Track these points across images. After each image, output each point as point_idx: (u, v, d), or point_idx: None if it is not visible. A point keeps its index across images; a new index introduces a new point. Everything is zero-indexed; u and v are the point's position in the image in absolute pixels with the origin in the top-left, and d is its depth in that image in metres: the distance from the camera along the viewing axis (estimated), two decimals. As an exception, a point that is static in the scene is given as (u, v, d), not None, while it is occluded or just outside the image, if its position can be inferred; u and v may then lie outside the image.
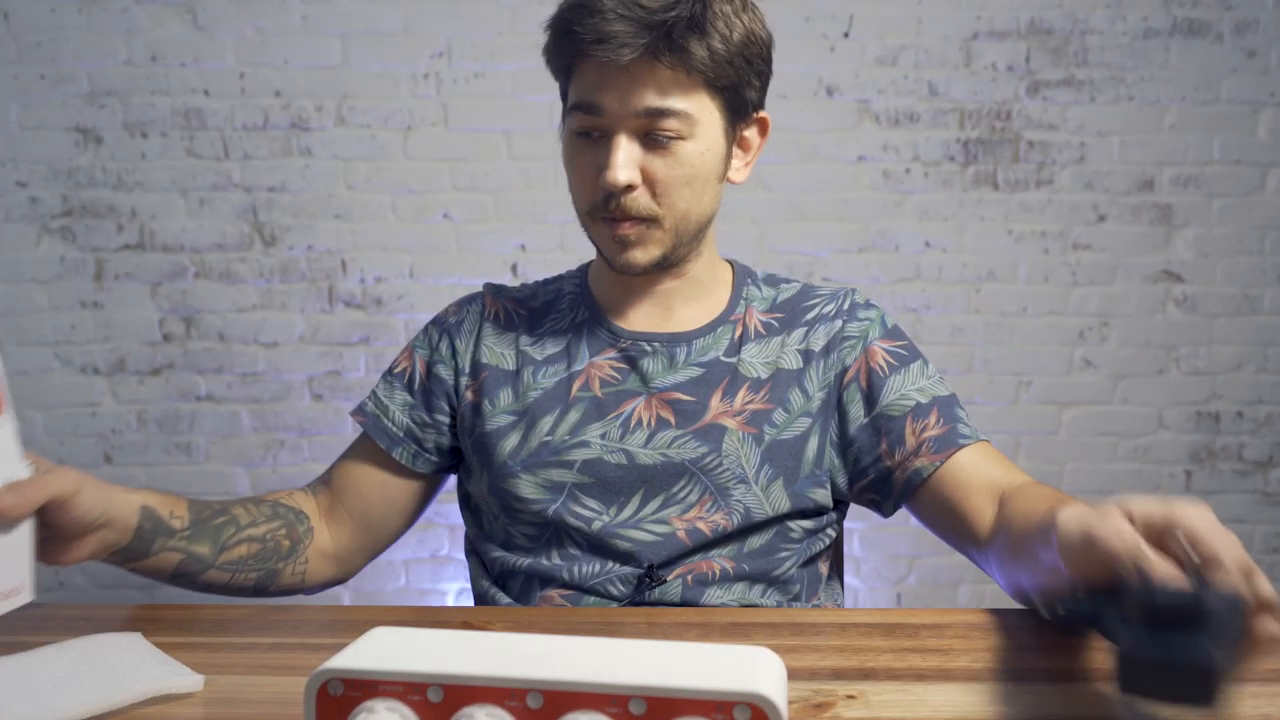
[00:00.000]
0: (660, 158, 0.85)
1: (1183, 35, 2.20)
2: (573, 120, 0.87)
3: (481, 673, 0.44)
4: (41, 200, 2.15)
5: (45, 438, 2.19)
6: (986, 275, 2.24)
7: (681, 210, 0.87)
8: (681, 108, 0.83)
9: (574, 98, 0.86)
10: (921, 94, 2.20)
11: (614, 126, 0.84)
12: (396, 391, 0.99)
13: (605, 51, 0.80)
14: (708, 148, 0.86)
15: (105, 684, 0.58)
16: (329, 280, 2.20)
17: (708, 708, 0.41)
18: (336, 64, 2.16)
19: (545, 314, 0.99)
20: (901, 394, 0.91)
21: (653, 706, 0.42)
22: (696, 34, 0.81)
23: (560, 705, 0.43)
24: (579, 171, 0.88)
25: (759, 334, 0.95)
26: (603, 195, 0.86)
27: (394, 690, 0.44)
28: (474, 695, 0.43)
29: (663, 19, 0.79)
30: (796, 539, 0.92)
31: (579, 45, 0.82)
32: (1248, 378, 2.27)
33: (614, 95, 0.83)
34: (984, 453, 0.89)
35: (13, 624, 0.75)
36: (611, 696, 0.42)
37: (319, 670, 0.45)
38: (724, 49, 0.82)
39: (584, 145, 0.87)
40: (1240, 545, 0.53)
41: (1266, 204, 2.24)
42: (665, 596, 0.87)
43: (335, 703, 0.44)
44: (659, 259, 0.89)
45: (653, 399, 0.91)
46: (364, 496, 0.96)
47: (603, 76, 0.83)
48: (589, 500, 0.89)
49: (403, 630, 0.50)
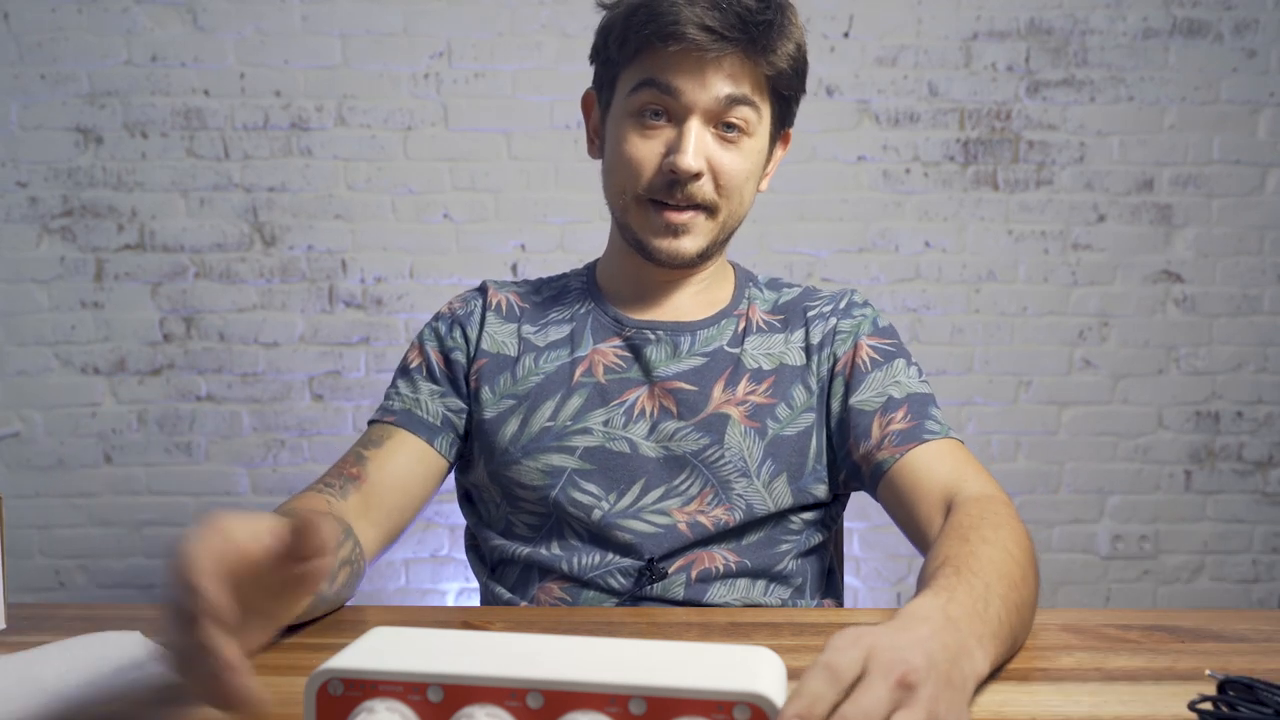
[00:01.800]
0: (727, 150, 0.87)
1: (1183, 35, 2.20)
2: (640, 97, 0.86)
3: (482, 673, 0.43)
4: (41, 200, 2.15)
5: (45, 438, 2.19)
6: (986, 275, 2.24)
7: (735, 204, 0.89)
8: (756, 99, 0.86)
9: (645, 75, 0.85)
10: (921, 94, 2.20)
11: (688, 111, 0.85)
12: (421, 384, 0.96)
13: (703, 39, 0.81)
14: (761, 148, 0.90)
15: (107, 679, 0.58)
16: (329, 280, 2.20)
17: (708, 707, 0.41)
18: (336, 64, 2.16)
19: (550, 305, 0.99)
20: (878, 390, 0.91)
21: (653, 706, 0.42)
22: (783, 41, 0.84)
23: (560, 705, 0.43)
24: (637, 153, 0.87)
25: (761, 329, 0.96)
26: (665, 180, 0.86)
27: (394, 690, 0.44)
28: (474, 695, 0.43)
29: (759, 20, 0.82)
30: (796, 530, 0.92)
31: (670, 28, 0.81)
32: (1247, 378, 2.27)
33: (694, 80, 0.83)
34: (945, 451, 0.86)
35: (14, 624, 0.76)
36: (611, 696, 0.42)
37: (319, 670, 0.45)
38: (793, 62, 0.87)
39: (647, 127, 0.86)
40: None
41: (1266, 204, 2.24)
42: (667, 593, 0.87)
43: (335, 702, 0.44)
44: (704, 249, 0.90)
45: (655, 388, 0.91)
46: (407, 492, 0.92)
47: (686, 61, 0.83)
48: (589, 486, 0.89)
49: (403, 630, 0.50)
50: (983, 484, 0.82)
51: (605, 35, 0.89)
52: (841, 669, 0.45)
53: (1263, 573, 2.30)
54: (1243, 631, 0.74)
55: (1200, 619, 0.77)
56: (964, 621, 0.56)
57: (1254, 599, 2.30)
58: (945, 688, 0.48)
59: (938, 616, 0.54)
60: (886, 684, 0.45)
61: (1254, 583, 2.30)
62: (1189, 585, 2.30)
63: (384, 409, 0.96)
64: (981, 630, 0.57)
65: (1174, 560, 2.29)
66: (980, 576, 0.62)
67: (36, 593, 2.20)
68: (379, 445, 0.92)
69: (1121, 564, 2.29)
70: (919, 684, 0.46)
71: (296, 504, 0.83)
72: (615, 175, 0.90)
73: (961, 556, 0.66)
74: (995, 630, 0.59)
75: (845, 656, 0.45)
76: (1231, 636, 0.73)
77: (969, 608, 0.58)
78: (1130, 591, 2.30)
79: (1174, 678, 0.63)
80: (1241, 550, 2.29)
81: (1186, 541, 2.29)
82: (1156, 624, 0.76)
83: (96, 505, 2.20)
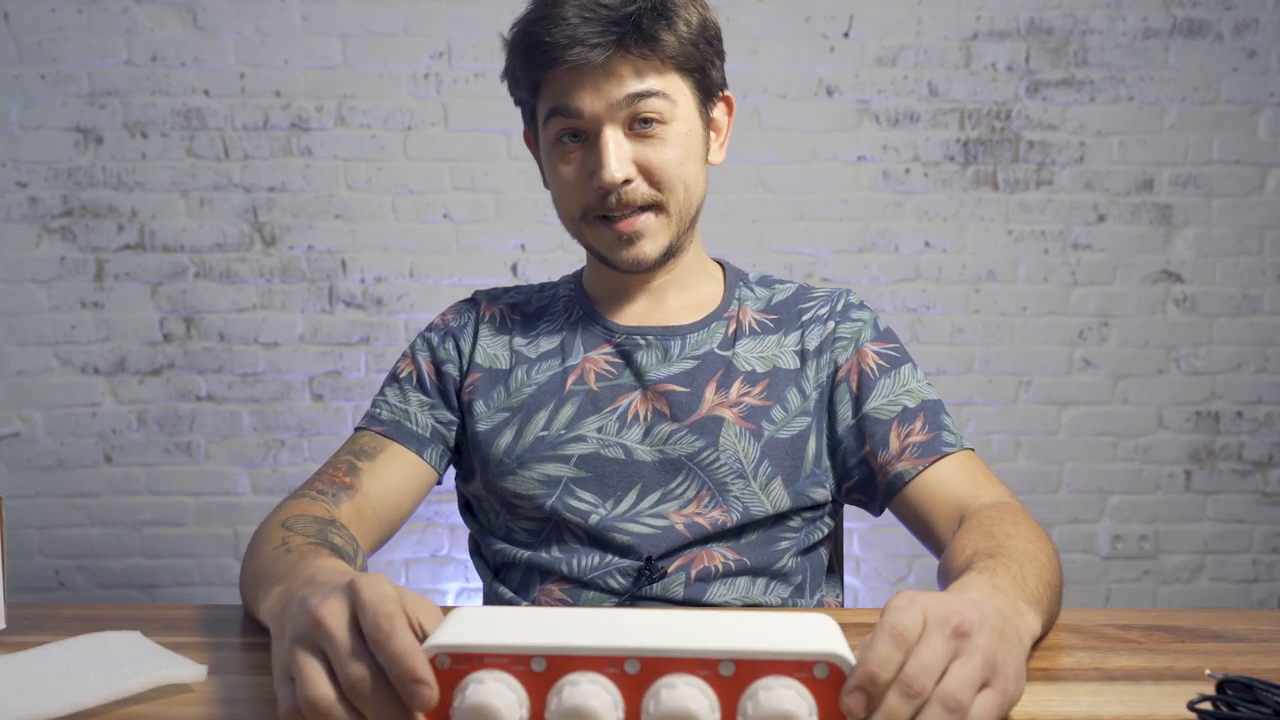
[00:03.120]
0: (649, 146, 0.86)
1: (1183, 35, 2.20)
2: (552, 128, 0.87)
3: (581, 643, 0.46)
4: (41, 200, 2.15)
5: (45, 438, 2.19)
6: (986, 275, 2.24)
7: (681, 193, 0.89)
8: (660, 88, 0.85)
9: (550, 105, 0.86)
10: (921, 94, 2.20)
11: (598, 124, 0.85)
12: (410, 394, 0.97)
13: (579, 54, 0.81)
14: (689, 129, 0.89)
15: (107, 676, 0.58)
16: (329, 280, 2.20)
17: (790, 667, 0.45)
18: (336, 64, 2.16)
19: (540, 316, 1.00)
20: (890, 398, 0.91)
21: (740, 668, 0.45)
22: (663, 22, 0.84)
23: (656, 670, 0.46)
24: (567, 178, 0.88)
25: (754, 331, 0.95)
26: (598, 195, 0.86)
27: (499, 662, 0.46)
28: (575, 665, 0.46)
29: (628, 13, 0.82)
30: (795, 528, 0.92)
31: (549, 54, 0.83)
32: (1247, 378, 2.27)
33: (592, 93, 0.84)
34: (962, 465, 0.88)
35: (14, 624, 0.76)
36: (703, 661, 0.46)
37: (426, 645, 0.47)
38: (688, 32, 0.86)
39: (568, 151, 0.88)
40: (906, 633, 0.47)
41: (1266, 204, 2.24)
42: (667, 593, 0.87)
43: (443, 676, 0.46)
44: (666, 248, 0.90)
45: (648, 392, 0.92)
46: (397, 504, 0.93)
47: (578, 78, 0.84)
48: (585, 494, 0.90)
49: (484, 609, 0.53)
50: (996, 493, 0.85)
51: (511, 76, 0.91)
52: (906, 630, 0.46)
53: (1263, 573, 2.30)
54: (1242, 631, 0.74)
55: (1200, 619, 0.77)
56: (1010, 590, 0.60)
57: (1254, 599, 2.30)
58: (999, 639, 0.50)
59: (985, 586, 0.58)
60: (943, 635, 0.47)
61: (1254, 583, 2.30)
62: (1189, 585, 2.30)
63: (372, 417, 0.96)
64: (1025, 597, 0.62)
65: (1174, 560, 2.30)
66: (1014, 558, 0.67)
67: (36, 593, 2.20)
68: (372, 457, 0.93)
69: (1121, 564, 2.29)
70: (973, 632, 0.48)
71: (295, 509, 0.82)
72: (558, 204, 0.92)
73: (990, 547, 0.70)
74: (1037, 599, 0.64)
75: (907, 617, 0.47)
76: (1231, 636, 0.73)
77: (1010, 581, 0.62)
78: (1130, 591, 2.30)
79: (1174, 678, 0.63)
80: (1241, 550, 2.29)
81: (1186, 541, 2.29)
82: (1156, 624, 0.76)
83: (96, 505, 2.20)
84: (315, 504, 0.85)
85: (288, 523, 0.78)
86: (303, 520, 0.79)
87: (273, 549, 0.73)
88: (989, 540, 0.71)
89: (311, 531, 0.76)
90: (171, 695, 0.60)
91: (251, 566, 0.75)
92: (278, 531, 0.76)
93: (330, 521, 0.81)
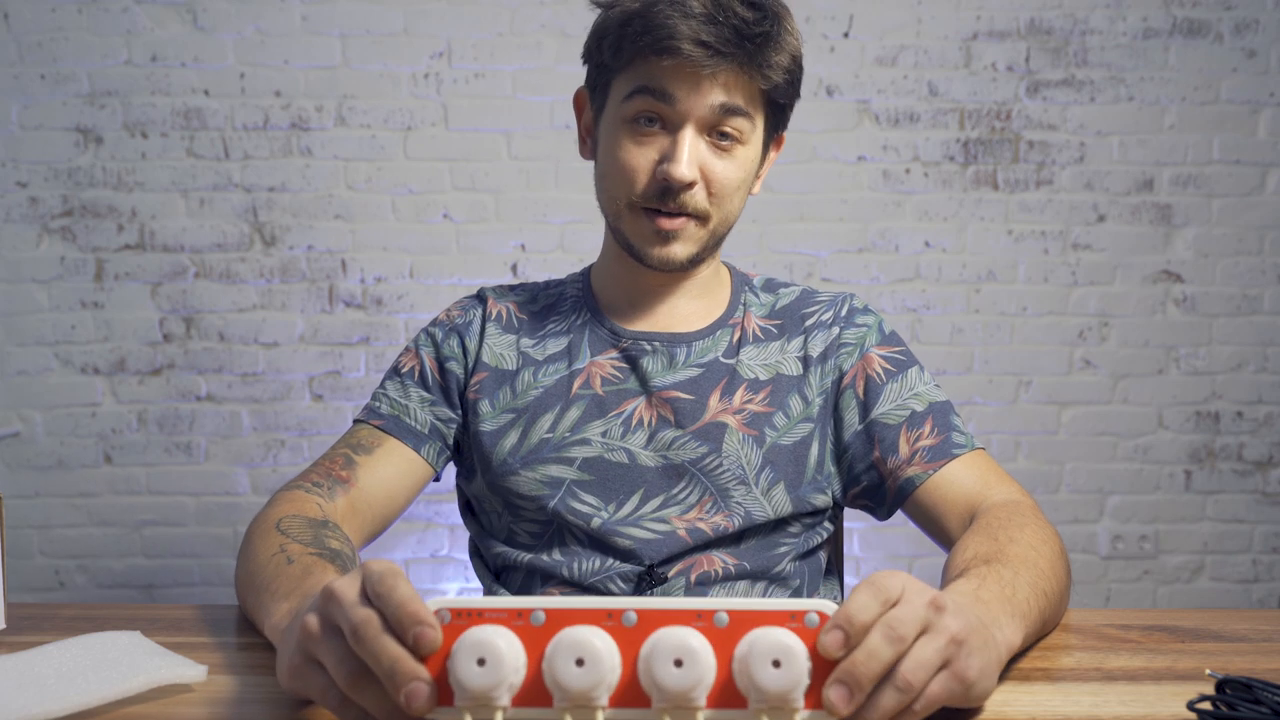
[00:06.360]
0: (720, 159, 0.86)
1: (1183, 35, 2.20)
2: (635, 104, 0.85)
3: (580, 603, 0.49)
4: (41, 200, 2.15)
5: (45, 438, 2.19)
6: (986, 275, 2.24)
7: (726, 213, 0.89)
8: (749, 109, 0.86)
9: (641, 82, 0.84)
10: (921, 94, 2.20)
11: (683, 119, 0.84)
12: (411, 389, 0.96)
13: (698, 54, 0.80)
14: (754, 155, 0.89)
15: (108, 676, 0.58)
16: (329, 280, 2.20)
17: (782, 617, 0.48)
18: (336, 64, 2.16)
19: (547, 316, 0.99)
20: (898, 402, 0.91)
21: (734, 619, 0.48)
22: (776, 53, 0.84)
23: (652, 622, 0.48)
24: (631, 160, 0.86)
25: (757, 338, 0.95)
26: (658, 188, 0.85)
27: (499, 617, 0.48)
28: (574, 618, 0.48)
29: (755, 34, 0.81)
30: (795, 533, 0.93)
31: (665, 42, 0.81)
32: (1247, 378, 2.27)
33: (691, 88, 0.83)
34: (973, 464, 0.88)
35: (14, 624, 0.76)
36: (698, 612, 0.48)
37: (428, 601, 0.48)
38: (789, 69, 0.86)
39: (641, 134, 0.86)
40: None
41: (1266, 204, 2.24)
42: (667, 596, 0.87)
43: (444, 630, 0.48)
44: (694, 255, 0.89)
45: (652, 398, 0.91)
46: (392, 500, 0.93)
47: (678, 71, 0.83)
48: (587, 497, 0.90)
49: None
50: (1008, 491, 0.85)
51: (599, 39, 0.88)
52: (887, 587, 0.49)
53: (1263, 573, 2.30)
54: (1242, 631, 0.74)
55: (1200, 619, 0.77)
56: (994, 603, 0.61)
57: (1254, 599, 2.30)
58: (971, 631, 0.51)
59: (970, 595, 0.60)
60: (922, 601, 0.49)
61: (1254, 583, 2.30)
62: (1189, 585, 2.30)
63: (371, 410, 0.96)
64: (1011, 609, 0.62)
65: (1174, 560, 2.30)
66: (1008, 565, 0.67)
67: (36, 593, 2.20)
68: (369, 451, 0.92)
69: (1121, 564, 2.29)
70: (947, 609, 0.50)
71: (288, 507, 0.81)
72: (609, 181, 0.89)
73: (989, 551, 0.70)
74: (1024, 611, 0.63)
75: (889, 579, 0.49)
76: (1231, 636, 0.73)
77: (998, 592, 0.63)
78: (1130, 591, 2.30)
79: (1173, 678, 0.63)
80: (1241, 550, 2.29)
81: (1186, 541, 2.29)
82: (1156, 624, 0.76)
83: (96, 505, 2.20)
84: (309, 501, 0.84)
85: (282, 525, 0.77)
86: (297, 523, 0.78)
87: (271, 556, 0.72)
88: (990, 544, 0.71)
89: (308, 539, 0.75)
90: (171, 695, 0.60)
91: (248, 571, 0.74)
92: (274, 536, 0.76)
93: (324, 523, 0.80)
